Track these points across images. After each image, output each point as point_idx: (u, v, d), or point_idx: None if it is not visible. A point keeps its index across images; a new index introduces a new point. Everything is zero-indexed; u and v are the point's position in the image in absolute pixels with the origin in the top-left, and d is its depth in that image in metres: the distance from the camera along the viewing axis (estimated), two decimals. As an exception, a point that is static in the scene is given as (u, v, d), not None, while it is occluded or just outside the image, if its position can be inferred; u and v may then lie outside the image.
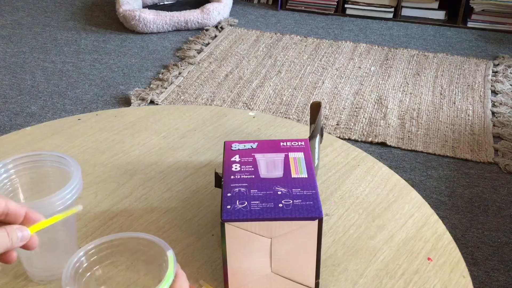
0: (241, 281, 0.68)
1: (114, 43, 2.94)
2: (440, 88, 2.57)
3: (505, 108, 2.42)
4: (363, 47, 2.95)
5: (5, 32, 3.03)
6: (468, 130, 2.27)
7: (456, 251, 0.76)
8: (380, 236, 0.78)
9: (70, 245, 0.70)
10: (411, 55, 2.88)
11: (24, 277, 0.70)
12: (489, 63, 2.81)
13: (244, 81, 2.58)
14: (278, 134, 1.00)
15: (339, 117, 2.32)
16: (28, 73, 2.62)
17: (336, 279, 0.72)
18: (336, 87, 2.55)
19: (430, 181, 1.99)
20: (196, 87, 2.51)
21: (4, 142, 0.97)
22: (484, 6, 3.20)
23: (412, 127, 2.27)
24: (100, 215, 0.81)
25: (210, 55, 2.82)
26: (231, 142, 0.77)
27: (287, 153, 0.74)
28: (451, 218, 1.82)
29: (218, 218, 0.81)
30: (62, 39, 2.97)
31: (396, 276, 0.72)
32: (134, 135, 1.00)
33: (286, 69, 2.70)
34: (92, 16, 3.25)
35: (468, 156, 2.11)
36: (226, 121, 1.03)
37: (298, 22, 3.26)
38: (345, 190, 0.87)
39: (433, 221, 0.81)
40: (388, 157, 2.10)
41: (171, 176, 0.90)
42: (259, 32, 3.09)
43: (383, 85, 2.58)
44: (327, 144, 0.97)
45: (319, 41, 3.00)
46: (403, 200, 0.85)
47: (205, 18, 3.06)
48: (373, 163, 0.93)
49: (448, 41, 3.08)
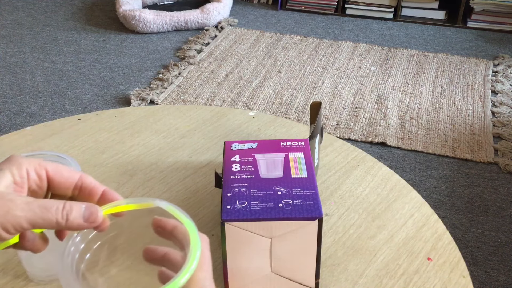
0: (241, 281, 0.68)
1: (114, 43, 2.94)
2: (440, 88, 2.57)
3: (505, 108, 2.42)
4: (363, 47, 2.95)
5: (5, 32, 3.03)
6: (468, 130, 2.27)
7: (456, 251, 0.76)
8: (380, 236, 0.78)
9: (70, 245, 0.70)
10: (411, 55, 2.88)
11: (24, 277, 0.70)
12: (489, 63, 2.81)
13: (244, 81, 2.58)
14: (278, 134, 1.00)
15: (339, 117, 2.32)
16: (28, 73, 2.62)
17: (336, 279, 0.72)
18: (336, 87, 2.55)
19: (430, 181, 1.99)
20: (196, 87, 2.51)
21: (4, 142, 0.97)
22: (484, 6, 3.20)
23: (412, 127, 2.27)
24: (100, 215, 0.81)
25: (210, 55, 2.82)
26: (231, 142, 0.77)
27: (287, 153, 0.74)
28: (451, 218, 1.82)
29: (218, 218, 0.81)
30: (62, 39, 2.97)
31: (396, 276, 0.72)
32: (134, 135, 1.00)
33: (286, 69, 2.70)
34: (92, 16, 3.25)
35: (468, 156, 2.11)
36: (226, 121, 1.03)
37: (298, 22, 3.26)
38: (345, 190, 0.87)
39: (433, 221, 0.81)
40: (388, 157, 2.10)
41: (171, 176, 0.90)
42: (259, 32, 3.09)
43: (383, 85, 2.58)
44: (327, 144, 0.97)
45: (319, 41, 3.00)
46: (403, 200, 0.85)
47: (205, 18, 3.06)
48: (373, 163, 0.93)
49: (448, 41, 3.08)
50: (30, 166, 0.46)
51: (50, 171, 0.47)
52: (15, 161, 0.46)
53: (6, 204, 0.42)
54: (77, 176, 0.48)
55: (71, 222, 0.44)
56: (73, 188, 0.48)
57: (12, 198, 0.43)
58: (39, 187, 0.47)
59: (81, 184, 0.48)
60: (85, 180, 0.48)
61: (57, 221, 0.44)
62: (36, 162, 0.46)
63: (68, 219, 0.44)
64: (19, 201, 0.43)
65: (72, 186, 0.48)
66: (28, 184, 0.46)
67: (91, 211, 0.45)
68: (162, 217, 0.50)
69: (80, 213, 0.45)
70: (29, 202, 0.43)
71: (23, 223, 0.42)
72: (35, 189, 0.47)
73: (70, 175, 0.48)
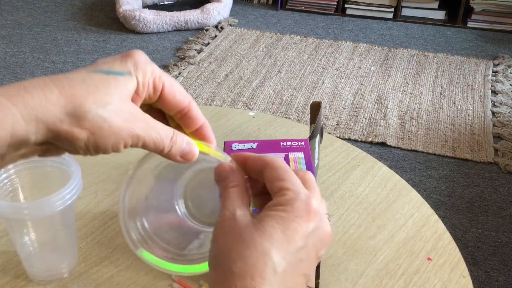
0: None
1: (114, 43, 2.94)
2: (440, 88, 2.57)
3: (505, 108, 2.42)
4: (363, 47, 2.95)
5: (5, 32, 3.03)
6: (468, 130, 2.27)
7: (456, 251, 0.76)
8: (380, 236, 0.78)
9: (70, 245, 0.70)
10: (411, 55, 2.88)
11: (24, 277, 0.70)
12: (489, 63, 2.81)
13: (244, 81, 2.58)
14: (278, 134, 1.00)
15: (339, 117, 2.32)
16: (28, 73, 2.62)
17: (336, 279, 0.72)
18: (336, 87, 2.55)
19: (430, 181, 1.99)
20: (196, 87, 2.51)
21: (4, 142, 0.97)
22: (484, 6, 3.20)
23: (412, 127, 2.27)
24: (100, 215, 0.81)
25: (210, 55, 2.82)
26: (231, 142, 0.77)
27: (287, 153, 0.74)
28: (451, 218, 1.82)
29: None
30: (62, 39, 2.97)
31: (396, 276, 0.72)
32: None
33: (286, 69, 2.70)
34: (92, 16, 3.25)
35: (468, 156, 2.11)
36: (226, 121, 1.03)
37: (298, 22, 3.26)
38: (345, 190, 0.87)
39: (433, 221, 0.81)
40: (388, 157, 2.10)
41: (171, 176, 0.90)
42: (259, 32, 3.09)
43: (383, 85, 2.58)
44: (327, 144, 0.97)
45: (319, 41, 3.00)
46: (403, 200, 0.85)
47: (205, 18, 3.06)
48: (373, 163, 0.93)
49: (448, 41, 3.08)
50: (152, 77, 0.43)
51: (166, 88, 0.44)
52: (141, 66, 0.42)
53: (144, 118, 0.41)
54: (186, 102, 0.45)
55: (170, 153, 0.43)
56: (177, 111, 0.45)
57: (145, 117, 0.41)
58: (150, 98, 0.44)
59: (187, 112, 0.45)
60: (191, 108, 0.45)
61: (163, 150, 0.43)
62: (157, 73, 0.43)
63: (171, 150, 0.43)
64: (145, 120, 0.41)
65: (178, 110, 0.45)
66: (144, 95, 0.43)
67: (190, 150, 0.44)
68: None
69: (181, 148, 0.44)
70: (148, 124, 0.41)
71: (137, 141, 0.41)
72: (146, 99, 0.44)
73: (181, 99, 0.45)
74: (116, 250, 0.74)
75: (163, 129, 0.43)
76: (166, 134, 0.43)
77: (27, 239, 0.67)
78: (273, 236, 0.38)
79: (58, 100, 0.37)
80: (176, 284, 0.68)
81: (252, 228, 0.39)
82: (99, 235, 0.77)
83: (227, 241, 0.39)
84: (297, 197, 0.40)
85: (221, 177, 0.44)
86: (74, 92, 0.38)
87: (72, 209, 0.67)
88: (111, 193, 0.85)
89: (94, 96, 0.38)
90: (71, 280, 0.70)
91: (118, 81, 0.40)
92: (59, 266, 0.70)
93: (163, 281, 0.69)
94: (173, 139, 0.43)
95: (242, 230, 0.39)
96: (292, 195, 0.40)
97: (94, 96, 0.38)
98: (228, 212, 0.41)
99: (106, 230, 0.78)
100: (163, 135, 0.42)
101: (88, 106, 0.38)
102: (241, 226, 0.39)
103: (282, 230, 0.39)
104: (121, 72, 0.41)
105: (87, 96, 0.38)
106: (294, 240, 0.39)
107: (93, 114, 0.38)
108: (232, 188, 0.43)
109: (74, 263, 0.71)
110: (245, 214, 0.41)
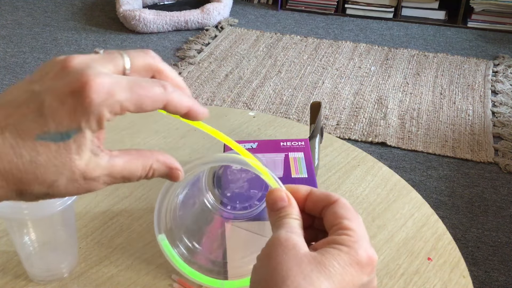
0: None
1: (114, 43, 2.94)
2: (440, 88, 2.57)
3: (505, 108, 2.42)
4: (363, 47, 2.95)
5: (5, 32, 3.03)
6: (468, 130, 2.27)
7: (456, 251, 0.76)
8: (380, 236, 0.78)
9: (70, 245, 0.70)
10: (411, 55, 2.88)
11: (24, 277, 0.70)
12: (489, 63, 2.81)
13: (244, 81, 2.58)
14: (278, 134, 1.00)
15: (339, 117, 2.32)
16: (28, 73, 2.62)
17: (336, 279, 0.72)
18: (336, 87, 2.55)
19: (430, 181, 1.99)
20: (196, 87, 2.51)
21: (4, 142, 0.97)
22: (484, 6, 3.20)
23: (412, 127, 2.27)
24: (100, 215, 0.81)
25: (210, 55, 2.82)
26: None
27: (287, 153, 0.74)
28: (451, 218, 1.82)
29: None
30: (62, 39, 2.97)
31: (396, 276, 0.72)
32: (134, 135, 1.00)
33: (286, 69, 2.70)
34: (92, 16, 3.25)
35: (468, 156, 2.11)
36: (226, 121, 1.03)
37: (298, 22, 3.26)
38: (345, 190, 0.87)
39: (433, 221, 0.81)
40: (388, 157, 2.10)
41: (171, 176, 0.90)
42: (259, 32, 3.09)
43: (383, 85, 2.58)
44: (327, 144, 0.97)
45: (319, 41, 3.00)
46: (403, 200, 0.85)
47: (205, 18, 3.06)
48: (373, 163, 0.93)
49: (448, 41, 3.08)
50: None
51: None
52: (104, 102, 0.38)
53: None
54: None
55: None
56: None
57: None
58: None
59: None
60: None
61: (140, 176, 0.43)
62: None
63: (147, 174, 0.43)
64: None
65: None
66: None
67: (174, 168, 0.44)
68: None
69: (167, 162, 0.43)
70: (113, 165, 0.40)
71: (113, 181, 0.40)
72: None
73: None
74: (116, 250, 0.74)
75: (129, 168, 0.41)
76: (134, 171, 0.42)
77: (27, 239, 0.67)
78: (331, 276, 0.38)
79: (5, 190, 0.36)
80: (176, 284, 0.68)
81: (312, 260, 0.38)
82: (99, 235, 0.77)
83: (282, 265, 0.38)
84: (361, 243, 0.40)
85: (276, 206, 0.44)
86: (21, 183, 0.36)
87: (72, 209, 0.67)
88: (111, 193, 0.85)
89: (39, 181, 0.36)
90: (71, 280, 0.70)
91: (64, 158, 0.36)
92: (59, 266, 0.70)
93: (163, 281, 0.69)
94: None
95: (302, 259, 0.38)
96: (357, 238, 0.40)
97: (40, 181, 0.36)
98: (285, 234, 0.41)
99: (106, 230, 0.78)
100: (133, 171, 0.42)
101: (36, 190, 0.37)
102: (300, 255, 0.39)
103: (341, 273, 0.38)
104: (65, 135, 0.35)
105: (34, 183, 0.36)
106: (348, 286, 0.39)
107: (42, 194, 0.37)
108: (294, 220, 0.43)
109: (74, 263, 0.71)
110: (304, 244, 0.40)
